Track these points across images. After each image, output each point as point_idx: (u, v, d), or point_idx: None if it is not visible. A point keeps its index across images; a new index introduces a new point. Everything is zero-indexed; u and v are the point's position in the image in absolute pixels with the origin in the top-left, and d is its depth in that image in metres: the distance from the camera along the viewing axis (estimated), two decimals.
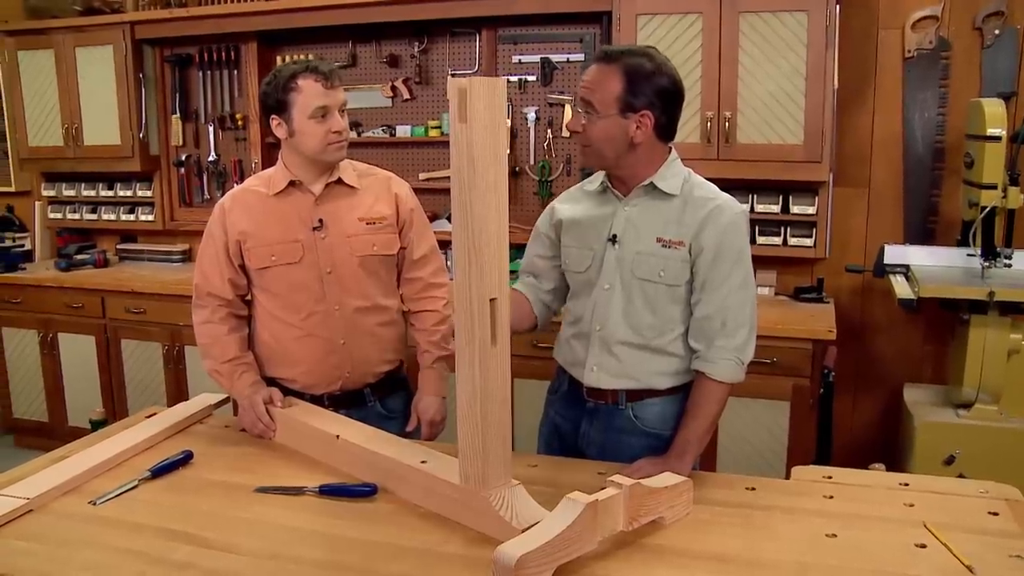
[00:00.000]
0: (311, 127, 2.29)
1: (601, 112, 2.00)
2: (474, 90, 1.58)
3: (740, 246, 2.06)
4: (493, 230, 1.64)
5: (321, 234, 2.37)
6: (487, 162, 1.61)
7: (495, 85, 1.61)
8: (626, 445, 2.13)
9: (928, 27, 3.55)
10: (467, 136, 1.59)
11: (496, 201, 1.64)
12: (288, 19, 4.24)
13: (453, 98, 1.60)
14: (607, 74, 1.99)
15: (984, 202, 3.04)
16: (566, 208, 2.22)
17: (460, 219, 1.64)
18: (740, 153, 3.51)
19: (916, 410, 3.29)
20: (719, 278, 2.04)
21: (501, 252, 1.66)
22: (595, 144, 2.03)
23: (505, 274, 1.68)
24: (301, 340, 2.40)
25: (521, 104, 4.07)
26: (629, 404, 2.13)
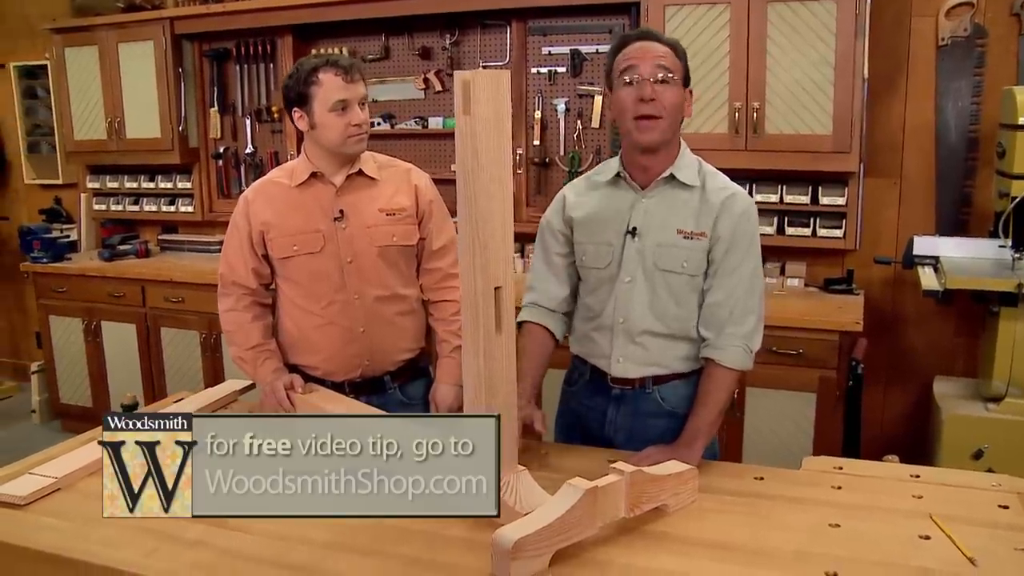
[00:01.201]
0: (331, 120, 2.33)
1: (675, 79, 2.01)
2: (478, 83, 1.60)
3: (752, 235, 2.09)
4: (498, 221, 1.66)
5: (342, 224, 2.41)
6: (491, 154, 1.63)
7: (499, 78, 1.63)
8: (653, 427, 2.14)
9: (963, 14, 3.50)
10: (471, 128, 1.61)
11: (500, 192, 1.66)
12: (322, 13, 4.30)
13: (457, 90, 1.63)
14: (663, 47, 2.02)
15: (1015, 192, 2.98)
16: (577, 203, 2.19)
17: (465, 210, 1.66)
18: (768, 144, 3.50)
19: (944, 403, 3.26)
20: (731, 266, 2.06)
21: (506, 242, 1.69)
22: (669, 113, 2.01)
23: (509, 264, 1.71)
24: (322, 328, 2.44)
25: (551, 95, 4.09)
26: (655, 387, 2.14)
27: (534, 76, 4.10)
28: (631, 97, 2.00)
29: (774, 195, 3.65)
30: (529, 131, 4.12)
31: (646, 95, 1.98)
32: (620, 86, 2.03)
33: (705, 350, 2.08)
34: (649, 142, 2.02)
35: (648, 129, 2.01)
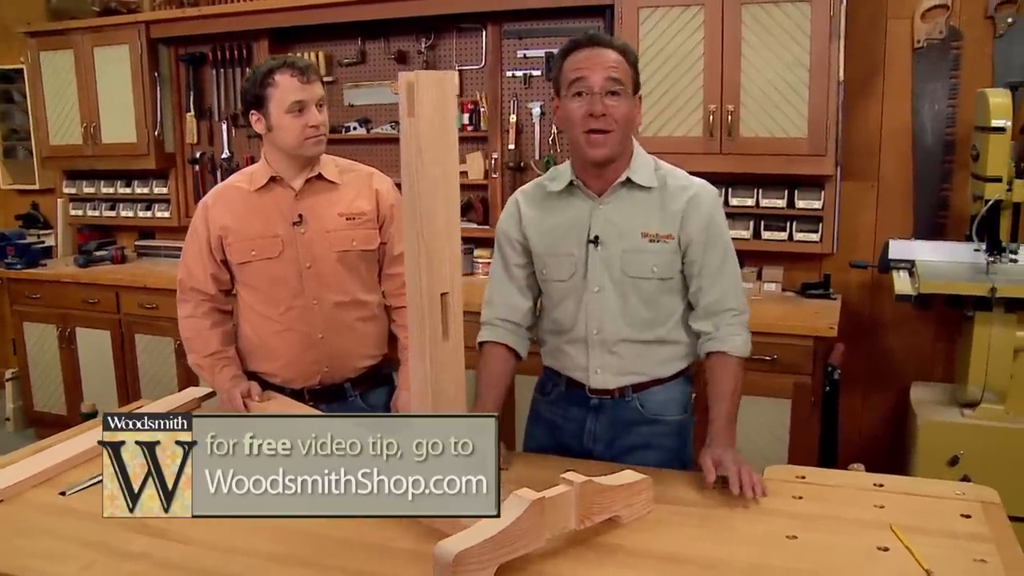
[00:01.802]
0: (288, 122, 2.30)
1: (626, 90, 1.96)
2: (421, 84, 1.57)
3: (724, 227, 2.08)
4: (442, 223, 1.63)
5: (301, 229, 2.38)
6: (435, 155, 1.60)
7: (444, 79, 1.60)
8: (634, 435, 2.11)
9: (938, 16, 3.47)
10: (415, 130, 1.58)
11: (445, 193, 1.63)
12: (298, 16, 4.26)
13: (402, 92, 1.59)
14: (613, 54, 1.96)
15: (988, 195, 2.96)
16: (531, 215, 2.12)
17: (410, 213, 1.63)
18: (743, 147, 3.46)
19: (920, 409, 3.22)
20: (716, 264, 2.04)
21: (452, 245, 1.65)
22: (621, 127, 1.96)
23: (457, 267, 1.67)
24: (280, 334, 2.41)
25: (526, 99, 4.05)
26: (635, 395, 2.11)
27: (509, 80, 4.07)
28: (581, 111, 1.94)
29: (750, 199, 3.62)
30: (504, 135, 4.08)
31: (596, 111, 1.93)
32: (569, 98, 1.96)
33: (709, 344, 2.05)
34: (600, 157, 1.97)
35: (599, 144, 1.96)
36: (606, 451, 2.12)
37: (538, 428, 2.25)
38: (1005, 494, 3.06)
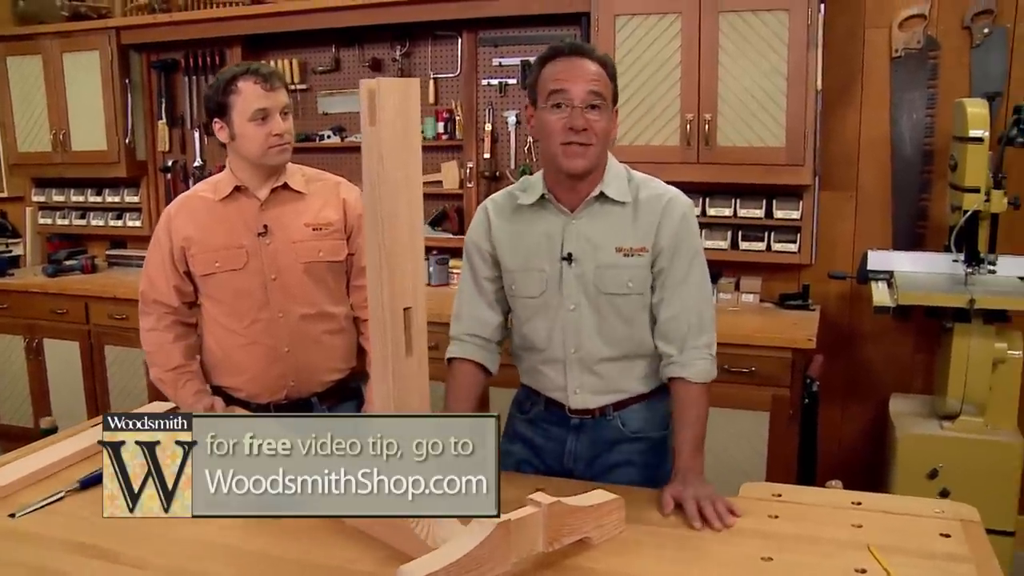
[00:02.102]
0: (251, 130, 2.24)
1: (606, 104, 1.90)
2: (383, 91, 1.51)
3: (696, 239, 2.01)
4: (404, 235, 1.57)
5: (266, 240, 2.32)
6: (397, 163, 1.54)
7: (407, 86, 1.54)
8: (616, 453, 2.06)
9: (916, 26, 3.45)
10: (377, 138, 1.52)
11: (408, 203, 1.57)
12: (271, 23, 4.21)
13: (363, 99, 1.53)
14: (595, 66, 1.90)
15: (966, 206, 2.93)
16: (501, 227, 2.05)
17: (371, 225, 1.57)
18: (721, 156, 3.42)
19: (899, 422, 3.19)
20: (679, 275, 1.97)
21: (415, 258, 1.59)
22: (600, 140, 1.90)
23: (420, 280, 1.62)
24: (245, 348, 2.35)
25: (502, 107, 4.01)
26: (616, 413, 2.05)
27: (484, 88, 4.02)
28: (560, 124, 1.87)
29: (727, 209, 3.58)
30: (479, 144, 4.03)
31: (577, 126, 1.86)
32: (548, 109, 1.89)
33: (670, 368, 1.98)
34: (578, 169, 1.91)
35: (577, 156, 1.89)
36: (587, 470, 2.06)
37: (515, 446, 2.18)
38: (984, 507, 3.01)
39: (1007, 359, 2.99)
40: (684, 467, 1.90)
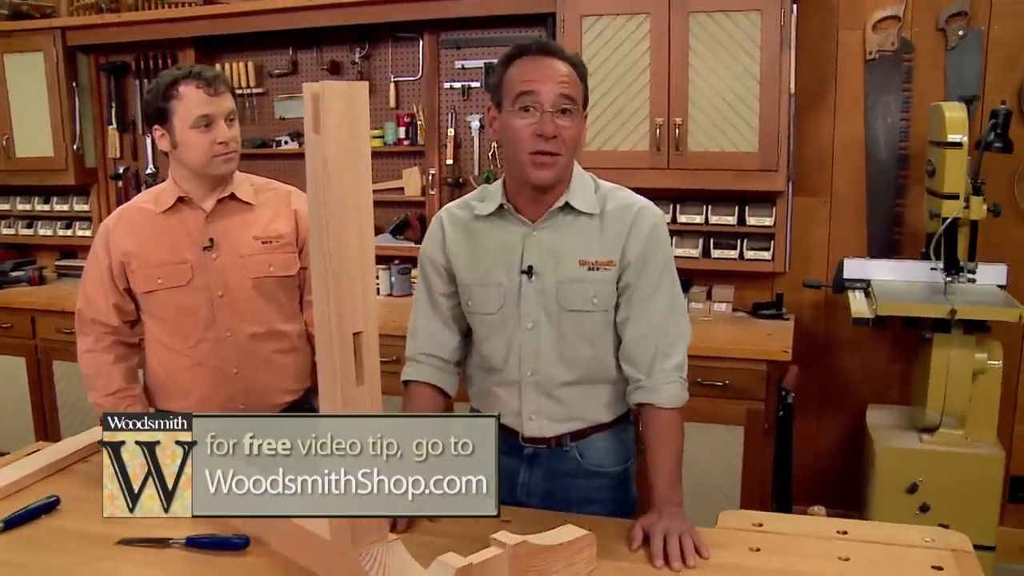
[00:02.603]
0: (194, 137, 2.10)
1: (577, 108, 1.76)
2: (328, 95, 1.37)
3: (666, 252, 1.87)
4: (354, 254, 1.43)
5: (212, 254, 2.18)
6: (345, 176, 1.40)
7: (354, 90, 1.40)
8: (573, 488, 1.92)
9: (890, 28, 3.36)
10: (321, 148, 1.38)
11: (358, 220, 1.43)
12: (225, 24, 4.05)
13: (307, 105, 1.40)
14: (565, 67, 1.76)
15: (945, 213, 2.84)
16: (456, 239, 1.90)
17: (317, 243, 1.43)
18: (692, 162, 3.32)
19: (877, 434, 3.10)
20: (647, 291, 1.83)
21: (365, 278, 1.45)
22: (569, 149, 1.76)
23: (371, 303, 1.48)
24: (190, 370, 2.21)
25: (465, 112, 3.88)
26: (573, 444, 1.91)
27: (447, 91, 3.89)
28: (528, 130, 1.73)
29: (699, 216, 3.48)
30: (442, 150, 3.90)
31: (547, 132, 1.72)
32: (516, 113, 1.74)
33: (637, 394, 1.84)
34: (546, 181, 1.77)
35: (545, 167, 1.75)
36: (542, 506, 1.91)
37: None
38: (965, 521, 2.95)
39: (987, 369, 2.92)
40: (661, 499, 1.77)
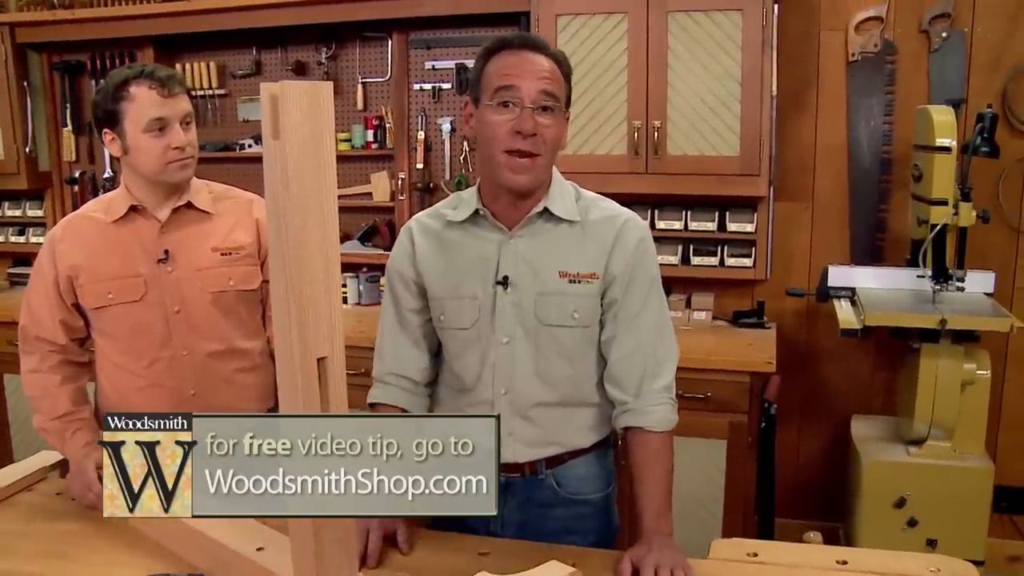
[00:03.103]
0: (147, 142, 1.95)
1: (559, 107, 1.65)
2: (288, 97, 1.25)
3: (653, 267, 1.77)
4: (318, 272, 1.30)
5: (167, 267, 2.04)
6: (308, 187, 1.27)
7: (317, 91, 1.28)
8: (550, 518, 1.80)
9: (873, 29, 3.28)
10: (281, 156, 1.25)
11: (323, 235, 1.30)
12: (186, 23, 3.88)
13: (264, 107, 1.27)
14: (548, 62, 1.65)
15: (934, 219, 2.75)
16: (427, 248, 1.79)
17: (277, 260, 1.30)
18: (671, 166, 3.21)
19: (863, 447, 3.01)
20: (634, 308, 1.73)
21: (331, 299, 1.32)
22: (549, 149, 1.65)
23: (338, 325, 1.35)
24: (144, 391, 2.06)
25: (436, 114, 3.75)
26: (549, 471, 1.79)
27: (417, 93, 3.76)
28: (506, 127, 1.62)
29: (678, 222, 3.37)
30: (412, 153, 3.76)
31: (526, 129, 1.61)
32: (494, 108, 1.64)
33: (625, 417, 1.74)
34: (522, 185, 1.66)
35: (523, 170, 1.64)
36: (516, 537, 1.78)
37: None
38: (953, 536, 2.87)
39: (975, 380, 2.83)
40: (650, 529, 1.66)
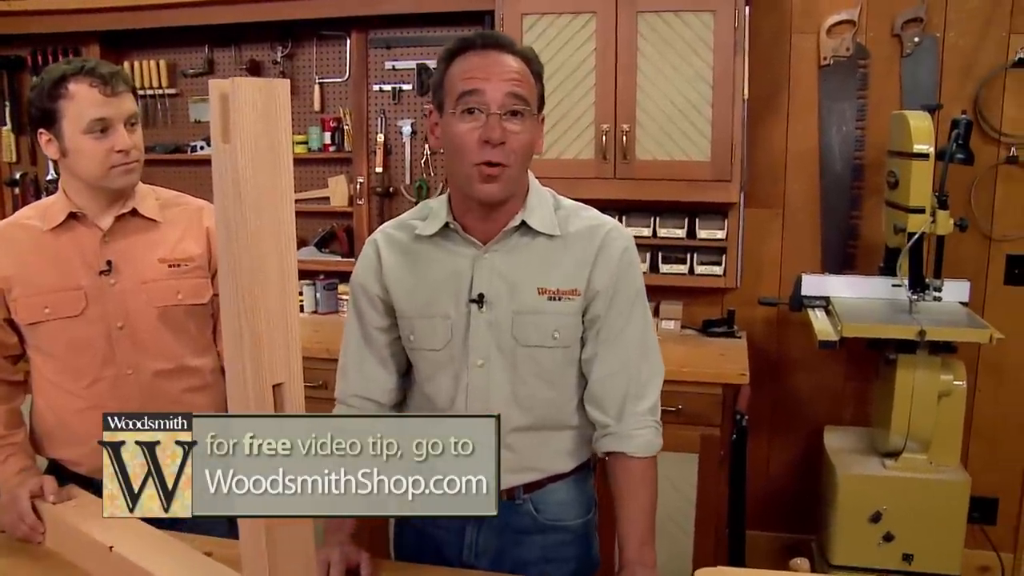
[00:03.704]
0: (87, 145, 1.81)
1: (530, 110, 1.53)
2: (240, 95, 1.12)
3: (638, 280, 1.66)
4: (274, 294, 1.17)
5: (110, 279, 1.90)
6: (262, 195, 1.15)
7: (272, 89, 1.15)
8: (527, 546, 1.70)
9: (845, 32, 3.21)
10: (232, 161, 1.12)
11: (279, 251, 1.18)
12: (133, 18, 3.70)
13: (213, 107, 1.14)
14: (516, 62, 1.53)
15: (912, 228, 2.69)
16: (394, 263, 1.66)
17: (228, 281, 1.17)
18: (640, 171, 3.11)
19: (838, 460, 2.94)
20: (618, 325, 1.63)
21: (288, 322, 1.20)
22: (520, 158, 1.53)
23: (295, 348, 1.22)
24: (85, 413, 1.90)
25: (396, 116, 3.62)
26: (527, 496, 1.69)
27: (376, 94, 3.62)
28: (473, 136, 1.50)
29: (647, 228, 3.27)
30: (371, 157, 3.62)
31: (494, 138, 1.49)
32: (458, 115, 1.51)
33: (606, 441, 1.63)
34: (493, 196, 1.54)
35: (492, 180, 1.52)
36: (492, 568, 1.69)
37: (408, 535, 1.80)
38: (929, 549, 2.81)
39: (952, 391, 2.77)
40: (632, 561, 1.57)
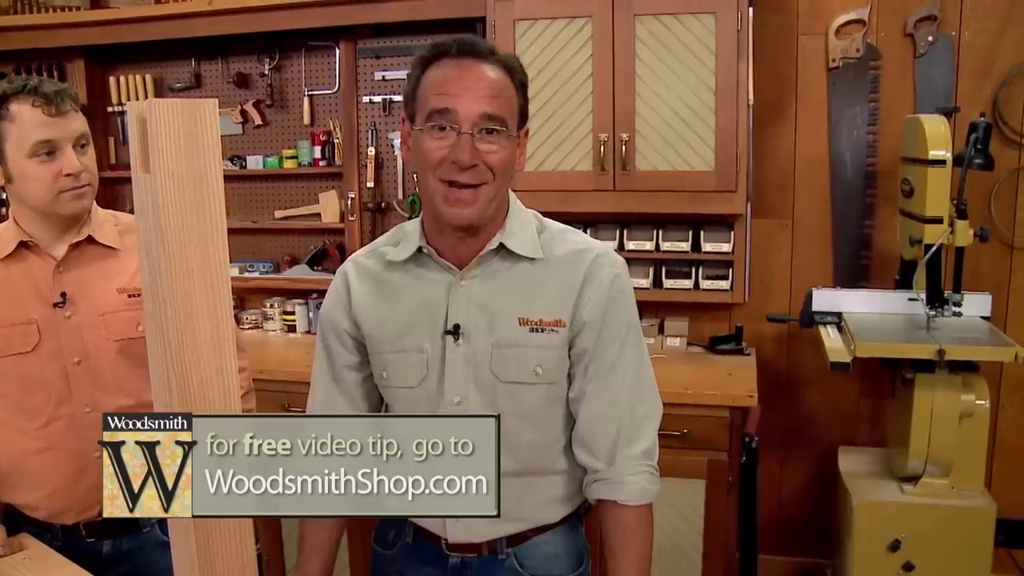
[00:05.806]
0: (33, 169, 1.70)
1: (509, 129, 1.40)
2: (159, 119, 0.98)
3: (630, 310, 1.52)
4: (204, 348, 1.04)
5: (65, 312, 1.78)
6: (187, 233, 1.01)
7: (197, 111, 1.01)
8: None
9: (854, 33, 3.06)
10: (151, 193, 0.99)
11: (210, 292, 1.04)
12: (118, 32, 3.60)
13: (132, 131, 1.01)
14: (494, 72, 1.40)
15: (929, 239, 2.53)
16: (365, 291, 1.54)
17: (153, 329, 1.04)
18: (641, 183, 2.97)
19: (853, 484, 2.78)
20: (609, 360, 1.49)
21: (223, 380, 1.07)
22: (496, 179, 1.40)
23: (233, 404, 1.09)
24: (41, 455, 1.80)
25: (387, 128, 3.49)
26: (510, 550, 1.55)
27: (366, 106, 3.50)
28: (440, 154, 1.37)
29: (649, 242, 3.13)
30: (362, 171, 3.50)
31: (463, 160, 1.36)
32: (427, 132, 1.38)
33: (597, 487, 1.50)
34: (463, 221, 1.41)
35: (461, 204, 1.40)
36: None
37: None
38: None
39: (974, 411, 2.61)
40: None
